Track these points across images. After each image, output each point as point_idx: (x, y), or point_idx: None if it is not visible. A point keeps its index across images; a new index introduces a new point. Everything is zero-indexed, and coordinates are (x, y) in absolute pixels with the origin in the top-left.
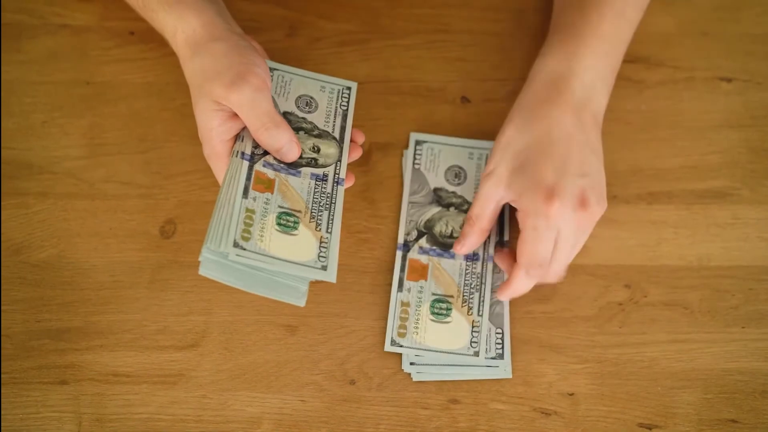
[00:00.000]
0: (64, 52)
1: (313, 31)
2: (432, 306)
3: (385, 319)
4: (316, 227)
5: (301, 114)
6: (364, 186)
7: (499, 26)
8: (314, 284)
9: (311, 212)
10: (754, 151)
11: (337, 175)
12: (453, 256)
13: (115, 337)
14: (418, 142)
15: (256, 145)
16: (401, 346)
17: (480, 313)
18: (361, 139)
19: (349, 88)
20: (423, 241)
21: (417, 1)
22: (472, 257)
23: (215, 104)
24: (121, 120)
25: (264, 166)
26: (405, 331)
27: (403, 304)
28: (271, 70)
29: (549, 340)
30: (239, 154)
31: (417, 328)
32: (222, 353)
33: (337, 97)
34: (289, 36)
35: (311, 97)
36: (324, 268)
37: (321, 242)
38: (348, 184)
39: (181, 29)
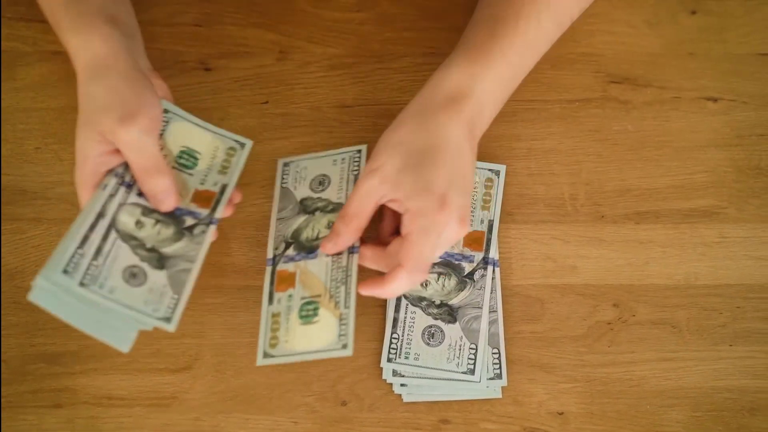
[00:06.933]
0: (57, 78)
1: (302, 55)
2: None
3: (377, 340)
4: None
5: (315, 195)
6: None
7: None
8: None
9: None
10: (740, 170)
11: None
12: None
13: (108, 360)
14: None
15: (122, 183)
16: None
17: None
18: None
19: (359, 151)
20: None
21: (405, 24)
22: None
23: (99, 136)
24: None
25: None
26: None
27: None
28: (287, 164)
29: (538, 360)
30: (103, 187)
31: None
32: (215, 375)
33: (349, 165)
34: (279, 60)
35: (324, 176)
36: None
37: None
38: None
39: (84, 53)
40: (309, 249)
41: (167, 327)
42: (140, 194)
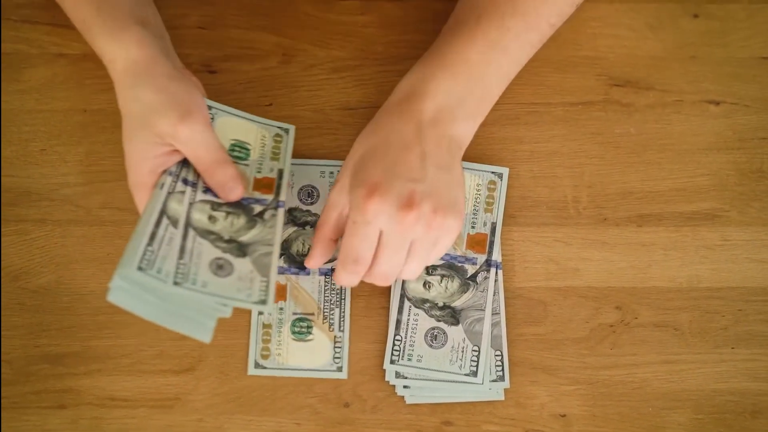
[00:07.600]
0: (61, 80)
1: (306, 58)
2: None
3: (380, 342)
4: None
5: (305, 207)
6: None
7: None
8: None
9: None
10: (743, 173)
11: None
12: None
13: (112, 361)
14: None
15: (178, 180)
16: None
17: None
18: None
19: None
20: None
21: (408, 27)
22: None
23: (157, 137)
24: (118, 147)
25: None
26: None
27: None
28: None
29: (541, 362)
30: (161, 186)
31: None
32: (218, 377)
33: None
34: (282, 63)
35: (313, 187)
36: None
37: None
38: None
39: (122, 58)
40: (300, 264)
41: (264, 309)
42: (205, 191)
